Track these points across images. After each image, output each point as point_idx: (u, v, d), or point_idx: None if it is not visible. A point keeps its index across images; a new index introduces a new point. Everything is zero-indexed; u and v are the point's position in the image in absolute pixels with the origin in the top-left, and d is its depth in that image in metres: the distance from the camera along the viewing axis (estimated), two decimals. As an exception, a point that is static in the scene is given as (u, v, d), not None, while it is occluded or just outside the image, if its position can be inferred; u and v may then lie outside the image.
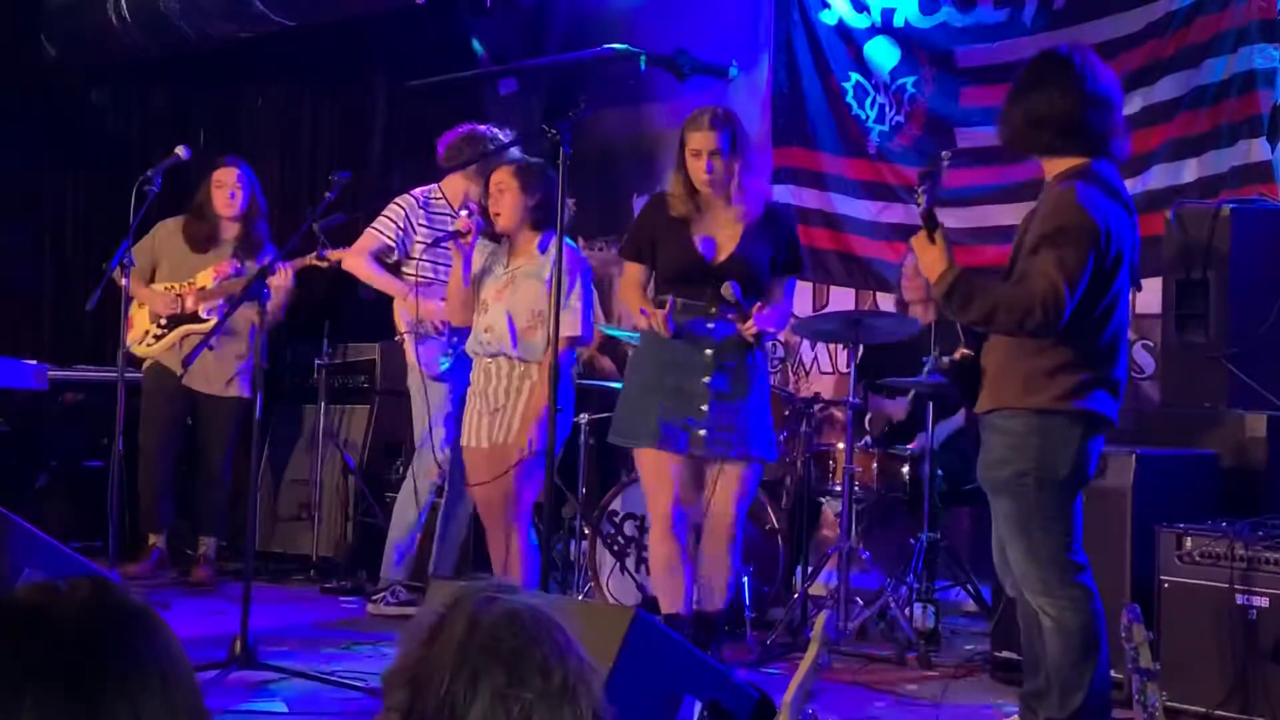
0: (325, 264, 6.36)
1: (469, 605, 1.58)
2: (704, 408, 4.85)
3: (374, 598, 6.16)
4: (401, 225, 6.19)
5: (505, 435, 5.29)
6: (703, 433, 4.85)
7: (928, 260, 3.88)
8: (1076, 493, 3.91)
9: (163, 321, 6.74)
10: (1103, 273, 3.77)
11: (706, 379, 4.85)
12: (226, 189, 6.72)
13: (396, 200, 6.22)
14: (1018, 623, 4.15)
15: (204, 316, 6.65)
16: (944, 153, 4.20)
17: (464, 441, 5.45)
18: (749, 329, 4.80)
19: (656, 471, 4.95)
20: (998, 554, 4.06)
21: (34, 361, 7.28)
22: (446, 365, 6.09)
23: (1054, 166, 3.93)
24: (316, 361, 7.22)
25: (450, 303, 5.55)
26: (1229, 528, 4.43)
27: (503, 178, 5.37)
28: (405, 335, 6.21)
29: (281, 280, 6.37)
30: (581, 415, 6.22)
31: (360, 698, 4.62)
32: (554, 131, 4.62)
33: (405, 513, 6.15)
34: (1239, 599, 4.33)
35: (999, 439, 3.90)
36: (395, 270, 6.28)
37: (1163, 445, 5.02)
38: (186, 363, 6.04)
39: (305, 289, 6.84)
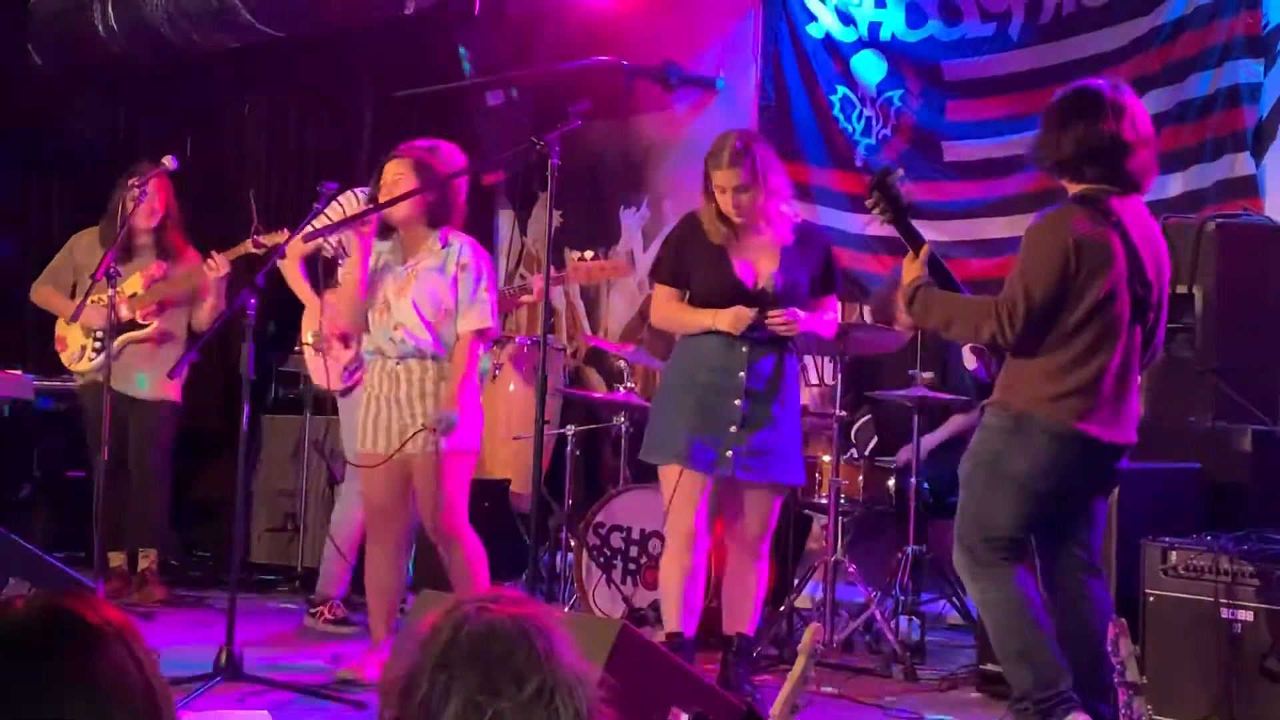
0: (262, 250, 6.20)
1: (459, 614, 1.61)
2: (733, 429, 4.81)
3: (311, 611, 6.10)
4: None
5: (414, 445, 4.94)
6: (730, 454, 4.81)
7: (906, 269, 4.14)
8: (1036, 499, 4.02)
9: (98, 334, 6.46)
10: (1073, 288, 3.93)
11: (738, 401, 4.82)
12: (142, 199, 6.36)
13: (342, 200, 5.87)
14: None
15: (141, 322, 6.46)
16: (897, 169, 4.25)
17: (361, 447, 5.08)
18: (784, 322, 4.77)
19: (681, 489, 4.86)
20: None
21: (19, 371, 7.27)
22: (343, 384, 6.06)
23: (1071, 190, 4.09)
24: (301, 372, 7.21)
25: (345, 298, 5.17)
26: (1214, 542, 4.44)
27: (399, 169, 5.05)
28: (306, 346, 6.19)
29: (219, 269, 6.31)
30: (568, 427, 6.22)
31: (345, 709, 4.62)
32: (542, 143, 4.61)
33: (338, 528, 6.13)
34: (1224, 613, 4.34)
35: (977, 434, 4.14)
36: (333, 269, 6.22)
37: (1148, 459, 5.02)
38: (173, 375, 6.00)
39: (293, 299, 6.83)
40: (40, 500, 7.44)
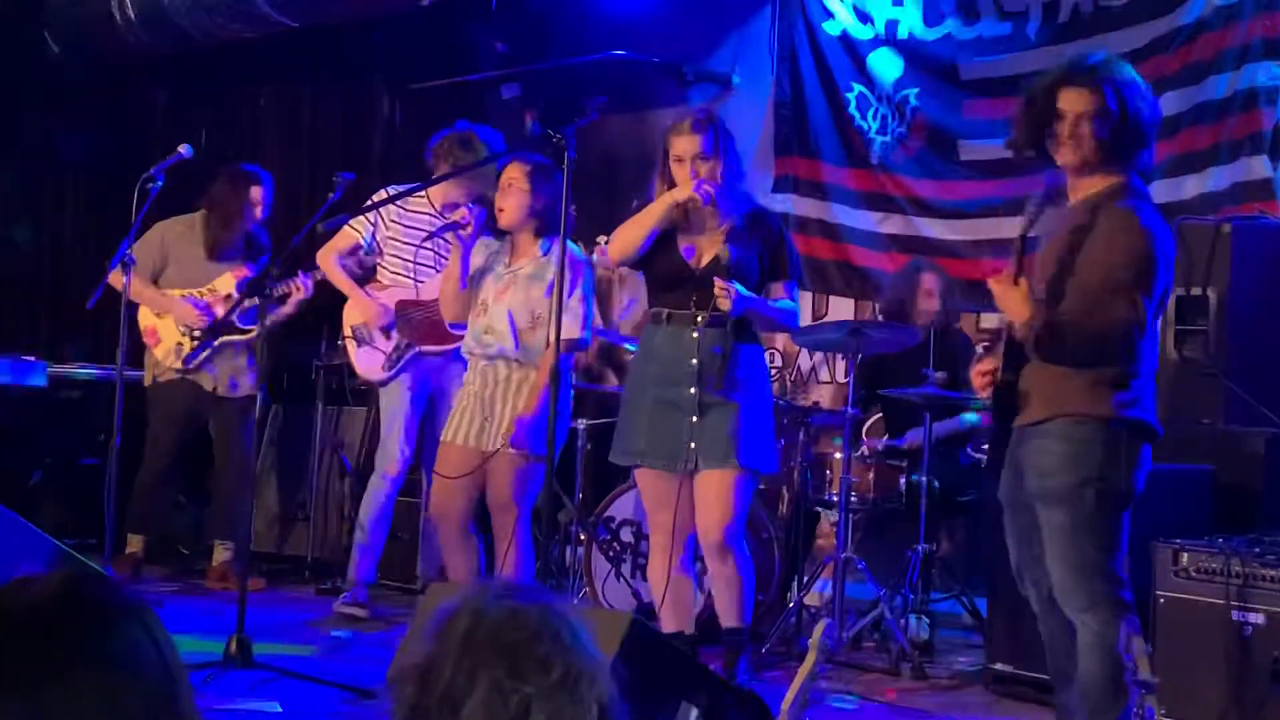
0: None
1: (477, 602, 1.60)
2: (693, 420, 4.67)
3: (342, 598, 6.12)
4: (372, 221, 6.07)
5: (495, 441, 5.20)
6: (693, 445, 4.67)
7: (1012, 303, 3.72)
8: (1129, 507, 3.81)
9: (195, 333, 6.56)
10: (1163, 287, 3.76)
11: (692, 389, 4.68)
12: (259, 207, 6.64)
13: (374, 196, 6.01)
14: (1041, 638, 4.01)
15: (241, 326, 6.55)
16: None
17: (445, 437, 5.32)
18: (722, 291, 4.58)
19: (652, 489, 4.83)
20: (1021, 565, 3.99)
21: (32, 358, 7.29)
22: (386, 374, 6.09)
23: (1093, 184, 3.81)
24: (314, 363, 7.22)
25: (444, 296, 5.41)
26: (1225, 544, 4.43)
27: (514, 174, 5.25)
28: (347, 339, 6.21)
29: (300, 294, 6.43)
30: (579, 420, 6.22)
31: (354, 698, 4.63)
32: (559, 136, 4.60)
33: (364, 512, 6.15)
34: (1235, 615, 4.33)
35: (1059, 447, 3.77)
36: (373, 268, 6.26)
37: (1160, 460, 5.00)
38: (187, 364, 6.03)
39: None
40: (52, 487, 7.46)
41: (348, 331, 6.22)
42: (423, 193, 6.00)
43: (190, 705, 1.44)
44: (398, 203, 5.95)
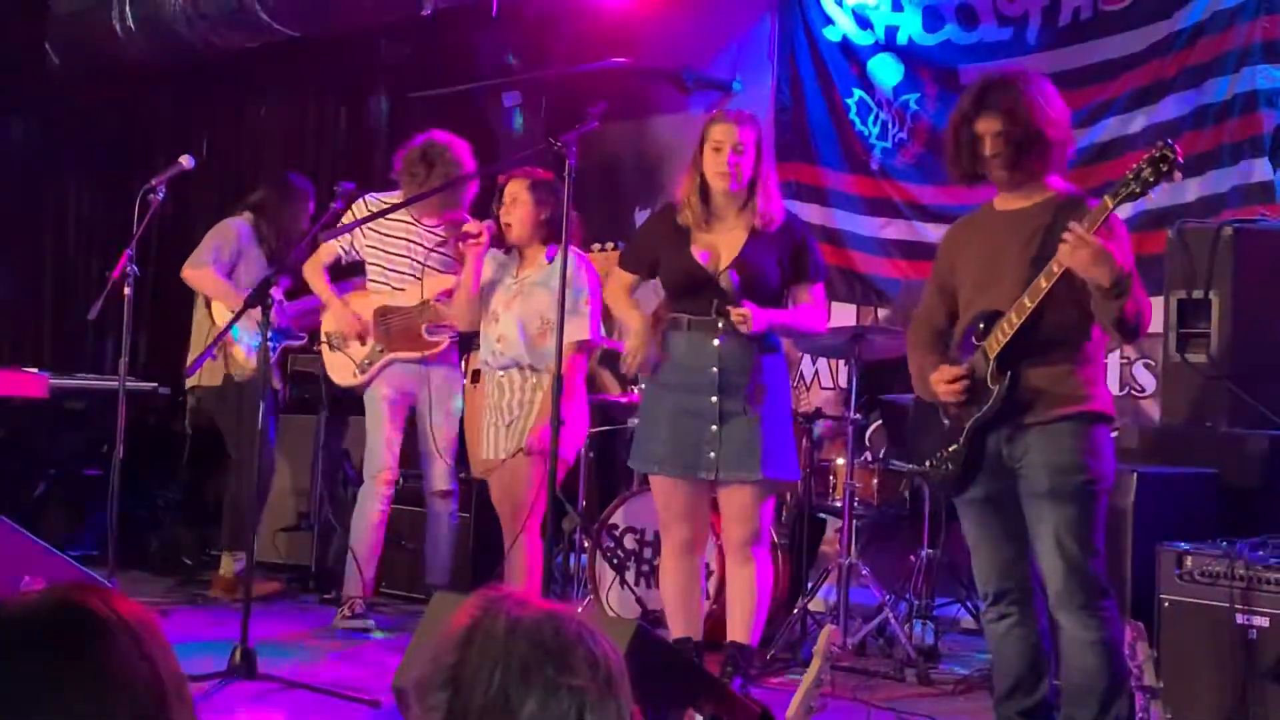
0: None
1: (504, 607, 1.61)
2: (714, 428, 4.68)
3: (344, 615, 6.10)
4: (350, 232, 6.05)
5: (516, 442, 5.33)
6: (713, 454, 4.68)
7: (1106, 263, 3.62)
8: None
9: (270, 334, 6.56)
10: None
11: (714, 398, 4.68)
12: (308, 217, 6.69)
13: (353, 206, 5.92)
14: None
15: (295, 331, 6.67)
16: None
17: (484, 455, 5.48)
18: (741, 316, 4.59)
19: (668, 496, 4.82)
20: (1007, 564, 4.03)
21: (35, 370, 7.29)
22: (356, 380, 6.09)
23: (1032, 193, 3.96)
24: (317, 372, 7.20)
25: (458, 306, 5.56)
26: (1229, 547, 4.42)
27: (516, 190, 5.39)
28: (322, 345, 6.23)
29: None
30: (583, 428, 6.22)
31: (360, 709, 4.62)
32: (560, 144, 4.61)
33: (355, 523, 6.12)
34: (1239, 619, 4.31)
35: (1073, 443, 3.84)
36: (358, 275, 6.25)
37: (1163, 464, 5.02)
38: (189, 373, 6.01)
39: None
40: (55, 498, 7.46)
41: (323, 337, 6.25)
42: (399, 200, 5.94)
43: (189, 718, 1.44)
44: (373, 209, 5.89)
